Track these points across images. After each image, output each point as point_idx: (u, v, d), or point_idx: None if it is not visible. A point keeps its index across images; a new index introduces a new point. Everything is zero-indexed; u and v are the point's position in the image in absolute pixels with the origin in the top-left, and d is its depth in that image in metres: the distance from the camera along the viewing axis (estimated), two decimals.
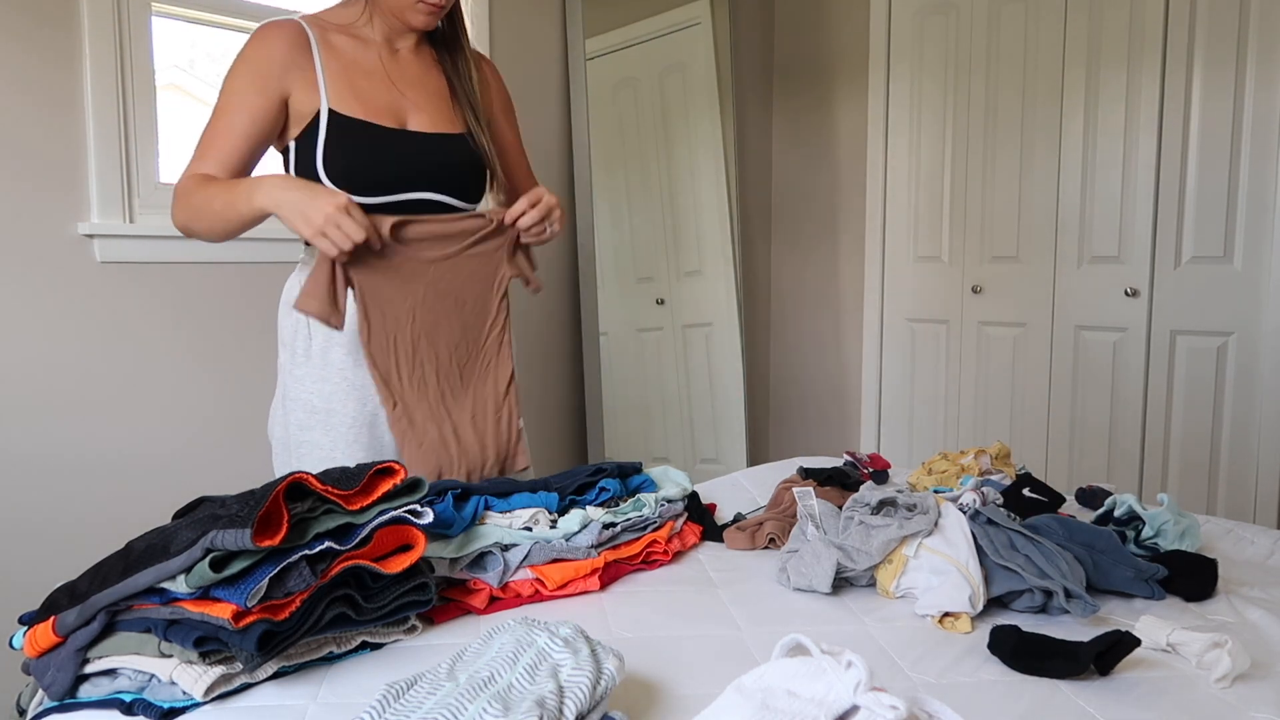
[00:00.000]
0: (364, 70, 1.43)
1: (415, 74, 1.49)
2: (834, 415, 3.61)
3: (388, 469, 0.99)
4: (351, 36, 1.45)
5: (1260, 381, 2.66)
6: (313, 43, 1.41)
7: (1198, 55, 2.69)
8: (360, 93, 1.41)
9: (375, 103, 1.42)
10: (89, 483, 1.93)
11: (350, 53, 1.44)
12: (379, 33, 1.47)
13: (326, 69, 1.40)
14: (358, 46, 1.45)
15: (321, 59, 1.41)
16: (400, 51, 1.49)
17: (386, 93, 1.44)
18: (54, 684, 0.87)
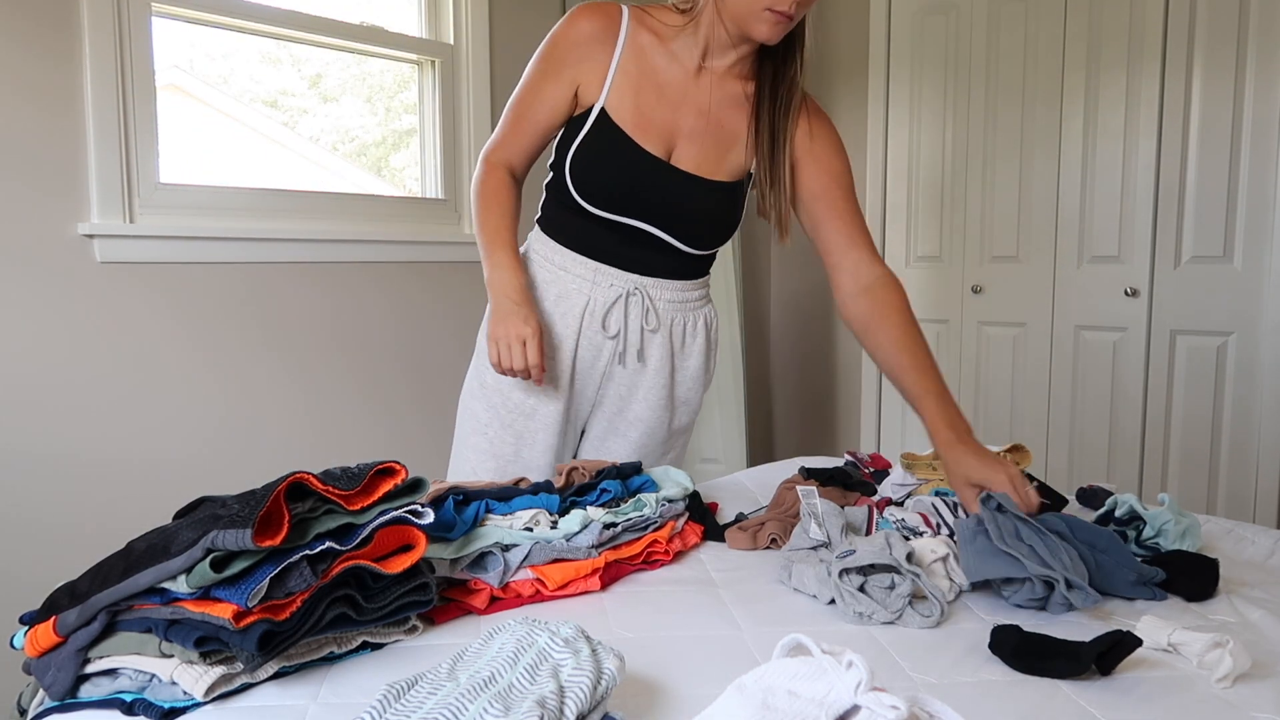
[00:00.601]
0: (656, 82, 1.38)
1: (709, 102, 1.40)
2: (834, 415, 3.61)
3: (388, 469, 0.99)
4: (663, 41, 1.39)
5: (1260, 381, 2.66)
6: (621, 34, 1.37)
7: (1197, 55, 2.69)
8: (640, 104, 1.37)
9: (650, 120, 1.38)
10: (89, 482, 1.93)
11: (652, 59, 1.38)
12: (697, 44, 1.38)
13: (620, 67, 1.37)
14: (663, 56, 1.39)
15: (621, 55, 1.37)
16: (706, 71, 1.40)
17: (666, 113, 1.39)
18: (55, 684, 0.87)
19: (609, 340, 1.47)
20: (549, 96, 1.39)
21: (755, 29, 1.30)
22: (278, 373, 2.23)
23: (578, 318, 1.46)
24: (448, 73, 2.62)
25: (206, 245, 2.08)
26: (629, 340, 1.48)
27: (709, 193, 1.42)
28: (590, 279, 1.45)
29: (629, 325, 1.46)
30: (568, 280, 1.46)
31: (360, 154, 2.68)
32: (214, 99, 2.34)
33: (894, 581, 1.09)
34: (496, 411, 1.49)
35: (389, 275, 2.43)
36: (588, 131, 1.37)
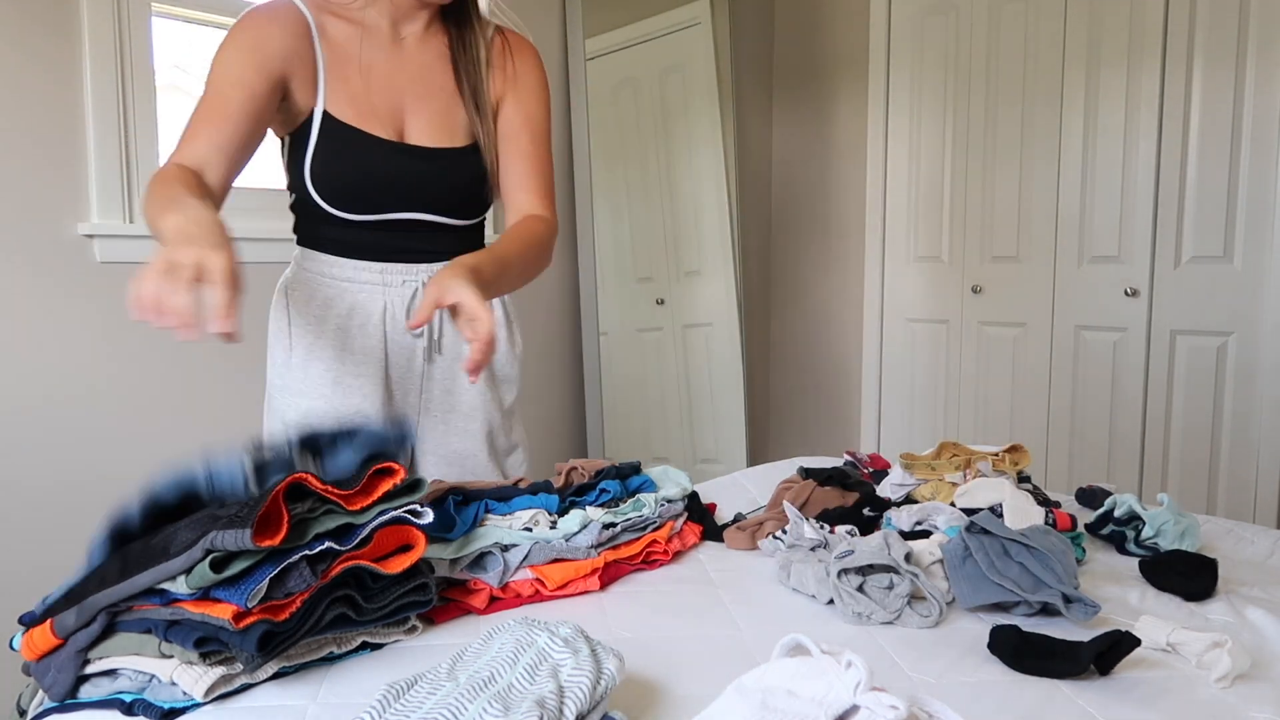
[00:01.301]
0: (365, 65, 1.31)
1: (418, 68, 1.35)
2: (834, 415, 3.61)
3: (388, 469, 0.99)
4: (351, 22, 1.32)
5: (1260, 381, 2.66)
6: (313, 31, 1.29)
7: (1198, 55, 2.69)
8: (357, 93, 1.30)
9: (373, 106, 1.31)
10: (89, 482, 1.93)
11: (350, 44, 1.31)
12: (384, 15, 1.33)
13: (326, 62, 1.29)
14: (358, 35, 1.32)
15: (322, 50, 1.29)
16: (405, 40, 1.35)
17: (386, 93, 1.32)
18: (55, 685, 0.88)
19: (417, 339, 1.37)
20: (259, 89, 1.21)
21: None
22: None
23: (379, 325, 1.35)
24: None
25: None
26: (441, 330, 1.39)
27: (453, 161, 1.35)
28: (380, 281, 1.35)
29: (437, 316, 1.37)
30: (356, 290, 1.34)
31: None
32: None
33: (892, 582, 1.09)
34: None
35: None
36: (317, 138, 1.28)
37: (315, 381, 1.34)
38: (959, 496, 1.41)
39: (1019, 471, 1.54)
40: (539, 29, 2.82)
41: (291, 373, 1.36)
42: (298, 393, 1.35)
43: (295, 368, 1.35)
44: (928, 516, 1.34)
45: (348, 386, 1.34)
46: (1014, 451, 1.57)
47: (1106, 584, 1.23)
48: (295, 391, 1.35)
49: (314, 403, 1.34)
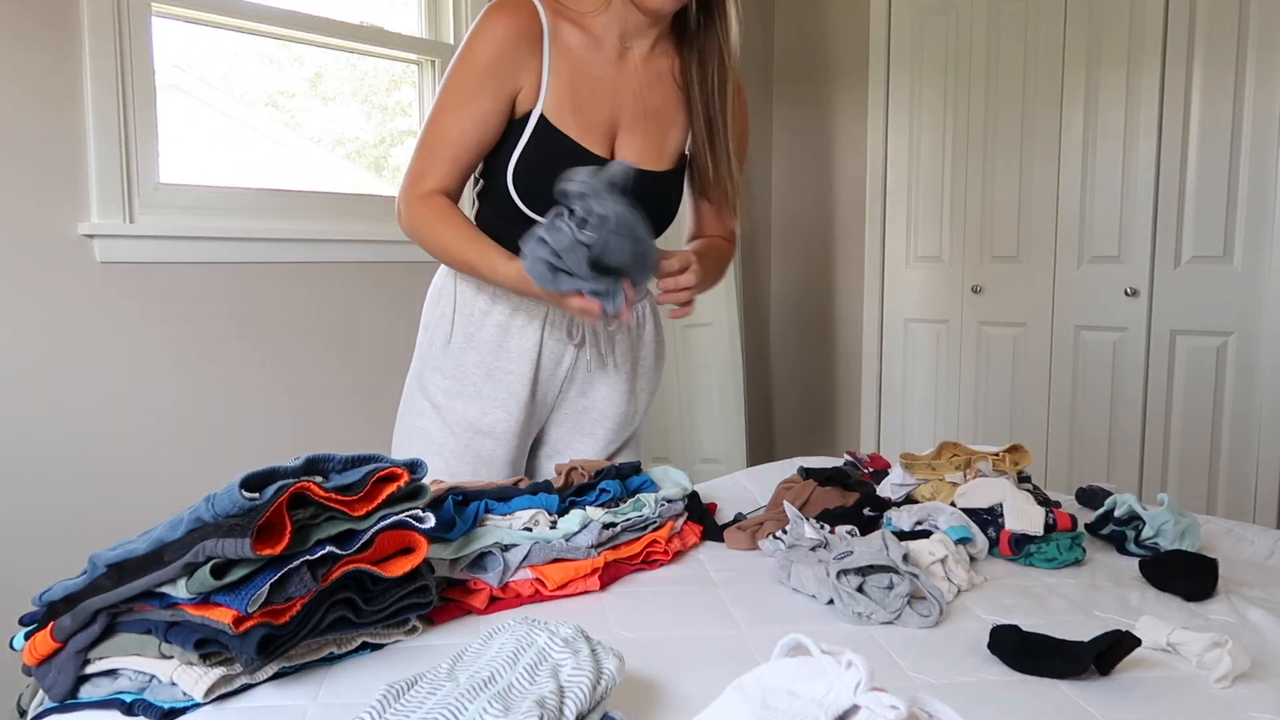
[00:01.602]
0: (589, 76, 1.33)
1: (640, 86, 1.36)
2: (834, 415, 3.61)
3: (391, 474, 0.99)
4: (583, 30, 1.33)
5: (1260, 381, 2.66)
6: (545, 35, 1.30)
7: (1197, 55, 2.69)
8: (578, 102, 1.32)
9: (590, 117, 1.33)
10: (88, 482, 1.93)
11: (579, 51, 1.32)
12: (614, 27, 1.34)
13: (553, 66, 1.30)
14: (588, 44, 1.33)
15: (550, 56, 1.30)
16: (630, 53, 1.36)
17: (603, 106, 1.34)
18: (55, 685, 0.88)
19: (573, 347, 1.44)
20: (488, 114, 1.30)
21: (649, 2, 1.28)
22: (278, 373, 2.23)
23: (539, 329, 1.41)
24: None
25: (206, 245, 2.08)
26: (597, 344, 1.46)
27: (655, 185, 1.38)
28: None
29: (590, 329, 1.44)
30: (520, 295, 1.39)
31: (359, 154, 2.68)
32: (214, 99, 2.34)
33: (892, 581, 1.09)
34: (453, 431, 1.42)
35: (389, 275, 2.43)
36: (529, 139, 1.31)
37: (470, 370, 1.41)
38: (959, 496, 1.41)
39: (1019, 471, 1.54)
40: None
41: (449, 357, 1.42)
42: (451, 377, 1.42)
43: (453, 353, 1.42)
44: (928, 516, 1.34)
45: (497, 381, 1.41)
46: (1014, 451, 1.57)
47: (1106, 584, 1.23)
48: (449, 375, 1.42)
49: (463, 388, 1.42)
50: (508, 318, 1.41)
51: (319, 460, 0.96)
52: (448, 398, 1.42)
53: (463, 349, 1.42)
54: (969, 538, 1.30)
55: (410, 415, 1.46)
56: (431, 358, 1.44)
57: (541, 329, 1.42)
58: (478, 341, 1.41)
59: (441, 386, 1.42)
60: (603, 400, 1.50)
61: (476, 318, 1.41)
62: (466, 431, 1.42)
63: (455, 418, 1.42)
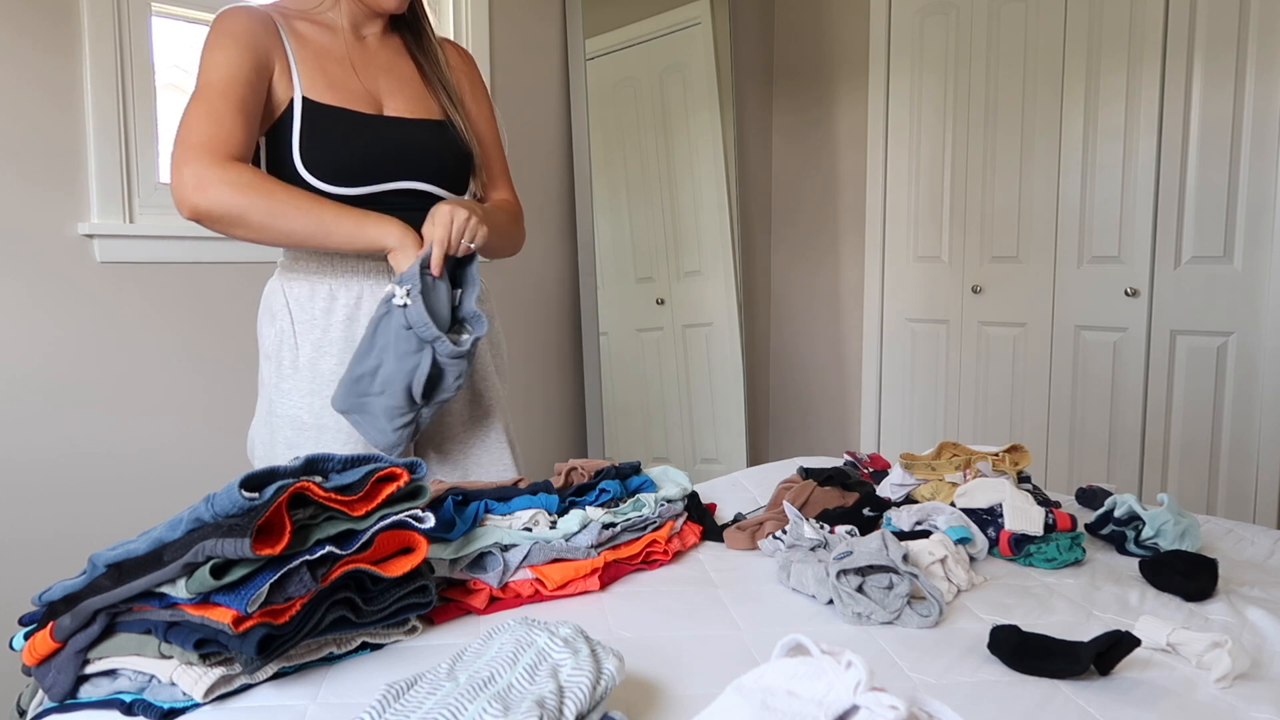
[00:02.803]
0: (334, 57, 1.37)
1: (385, 60, 1.43)
2: (834, 415, 3.61)
3: (390, 474, 0.99)
4: (316, 23, 1.39)
5: (1260, 381, 2.66)
6: (280, 30, 1.34)
7: (1198, 54, 2.69)
8: (333, 80, 1.35)
9: (350, 89, 1.36)
10: (88, 482, 1.93)
11: (318, 39, 1.37)
12: (345, 18, 1.41)
13: (297, 56, 1.33)
14: (324, 33, 1.38)
15: (291, 46, 1.34)
16: (367, 39, 1.43)
17: (360, 79, 1.38)
18: (55, 685, 0.88)
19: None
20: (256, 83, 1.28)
21: (383, 2, 1.38)
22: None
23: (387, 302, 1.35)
24: None
25: (207, 245, 2.08)
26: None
27: (440, 130, 1.42)
28: (384, 267, 1.38)
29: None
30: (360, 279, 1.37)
31: None
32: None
33: (892, 582, 1.09)
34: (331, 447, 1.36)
35: None
36: (301, 122, 1.30)
37: (327, 377, 1.35)
38: (959, 496, 1.41)
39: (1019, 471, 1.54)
40: (539, 29, 2.82)
41: (299, 374, 1.35)
42: (309, 392, 1.35)
43: (303, 368, 1.35)
44: (928, 516, 1.34)
45: None
46: (1014, 451, 1.57)
47: (1106, 584, 1.23)
48: (306, 391, 1.35)
49: (327, 400, 1.35)
50: (353, 309, 1.36)
51: (318, 460, 0.96)
52: (315, 415, 1.35)
53: (314, 360, 1.36)
54: (969, 538, 1.30)
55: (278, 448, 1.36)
56: (282, 380, 1.36)
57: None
58: (327, 345, 1.35)
59: (306, 405, 1.35)
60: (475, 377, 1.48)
61: (319, 320, 1.36)
62: (348, 443, 1.36)
63: (329, 435, 1.35)
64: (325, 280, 1.36)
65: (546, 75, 2.85)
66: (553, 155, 2.88)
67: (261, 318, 1.41)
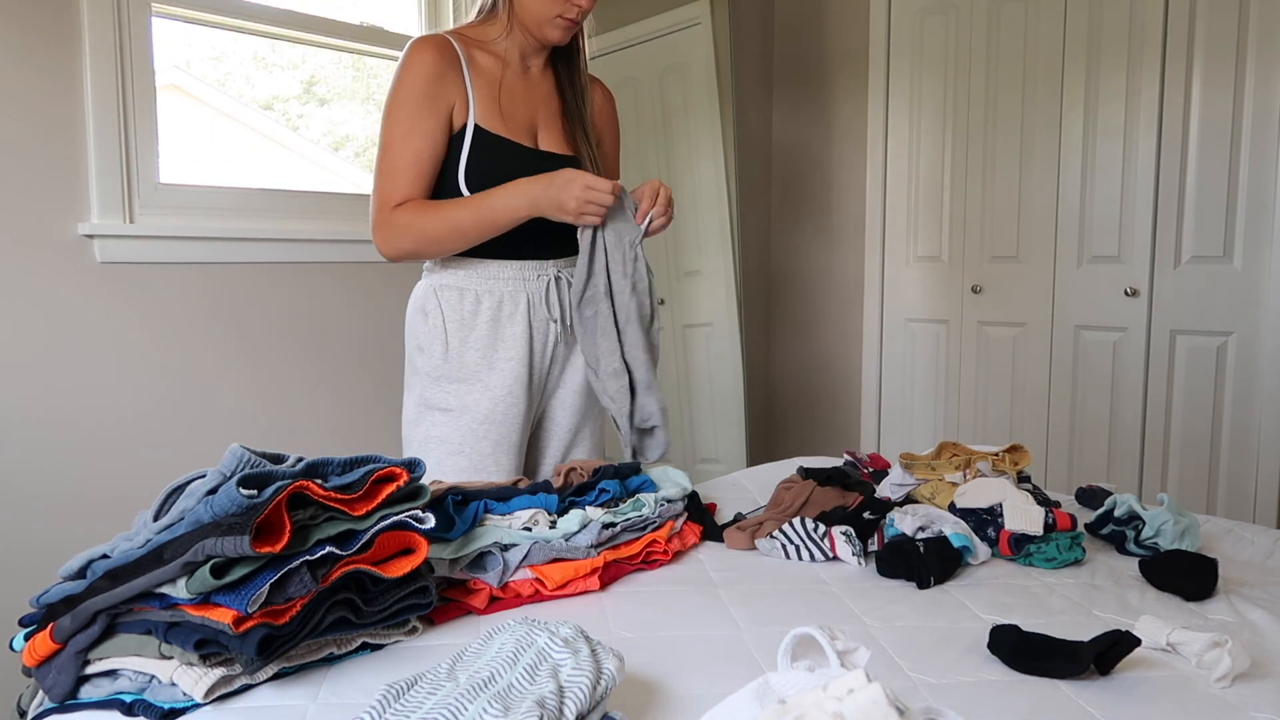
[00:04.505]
0: (505, 87, 1.55)
1: (544, 93, 1.61)
2: (834, 415, 3.61)
3: (390, 474, 0.99)
4: (492, 54, 1.56)
5: (1260, 381, 2.66)
6: (461, 59, 1.51)
7: (1197, 54, 2.69)
8: (502, 110, 1.54)
9: (515, 120, 1.55)
10: (87, 482, 1.93)
11: (492, 70, 1.55)
12: (515, 50, 1.57)
13: (475, 85, 1.51)
14: (497, 64, 1.56)
15: (470, 75, 1.51)
16: (532, 70, 1.60)
17: (524, 110, 1.57)
18: (55, 686, 0.88)
19: (553, 323, 1.59)
20: (433, 132, 1.48)
21: (550, 33, 1.53)
22: (278, 372, 2.23)
23: (525, 314, 1.56)
24: None
25: (206, 245, 2.08)
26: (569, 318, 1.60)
27: (577, 164, 1.60)
28: (522, 276, 1.57)
29: (564, 304, 1.60)
30: (502, 285, 1.56)
31: (361, 154, 2.68)
32: (213, 99, 2.34)
33: None
34: (470, 428, 1.54)
35: (391, 274, 2.43)
36: (470, 148, 1.50)
37: (471, 368, 1.54)
38: (959, 497, 1.41)
39: (1019, 471, 1.54)
40: None
41: (450, 363, 1.55)
42: (458, 380, 1.54)
43: (452, 359, 1.55)
44: (931, 523, 1.33)
45: (500, 370, 1.55)
46: (1014, 451, 1.57)
47: (1106, 584, 1.23)
48: (455, 379, 1.54)
49: (470, 386, 1.54)
50: (496, 310, 1.55)
51: (319, 465, 0.96)
52: (459, 399, 1.54)
53: (461, 351, 1.55)
54: (970, 547, 1.30)
55: (422, 428, 1.56)
56: (433, 369, 1.55)
57: (528, 312, 1.56)
58: (474, 340, 1.54)
59: (451, 391, 1.54)
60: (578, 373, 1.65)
61: (467, 319, 1.55)
62: (481, 424, 1.54)
63: (469, 416, 1.53)
64: (472, 287, 1.55)
65: None
66: None
67: (413, 315, 1.60)
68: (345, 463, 0.99)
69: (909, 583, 1.23)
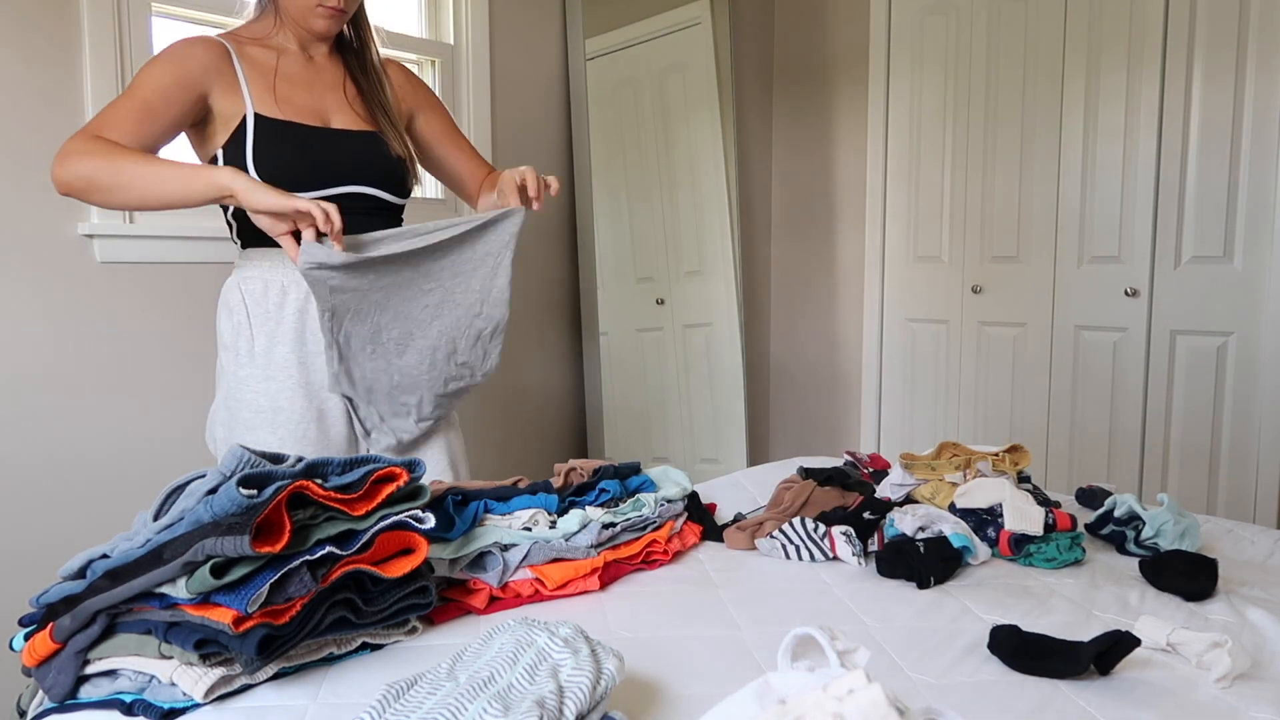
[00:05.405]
0: (284, 75, 1.49)
1: (331, 79, 1.55)
2: (834, 415, 3.61)
3: (390, 474, 0.99)
4: (267, 47, 1.51)
5: (1260, 381, 2.66)
6: (232, 54, 1.46)
7: (1198, 55, 2.69)
8: (283, 96, 1.47)
9: (298, 105, 1.48)
10: (88, 483, 1.93)
11: (269, 61, 1.49)
12: (293, 42, 1.52)
13: (248, 76, 1.45)
14: (274, 55, 1.50)
15: (242, 68, 1.46)
16: (315, 59, 1.55)
17: (307, 95, 1.50)
18: (55, 686, 0.88)
19: None
20: (174, 96, 1.38)
21: (314, 24, 1.48)
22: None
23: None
24: (447, 72, 2.62)
25: (206, 245, 2.08)
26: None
27: (378, 141, 1.53)
28: None
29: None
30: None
31: None
32: None
33: None
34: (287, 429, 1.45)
35: None
36: (255, 136, 1.42)
37: (280, 365, 1.45)
38: (959, 496, 1.41)
39: (1019, 471, 1.54)
40: (539, 29, 2.82)
41: (255, 362, 1.46)
42: (264, 378, 1.45)
43: (259, 356, 1.46)
44: (931, 523, 1.33)
45: (310, 365, 1.46)
46: (1014, 451, 1.57)
47: (1106, 584, 1.23)
48: (261, 378, 1.45)
49: (281, 385, 1.45)
50: (303, 302, 1.46)
51: (318, 465, 0.96)
52: (271, 399, 1.45)
53: (268, 349, 1.46)
54: (970, 547, 1.30)
55: (238, 432, 1.46)
56: (239, 368, 1.46)
57: None
58: (280, 336, 1.46)
59: (263, 390, 1.45)
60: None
61: (272, 313, 1.46)
62: (299, 424, 1.45)
63: (284, 416, 1.45)
64: (278, 277, 1.46)
65: (546, 75, 2.85)
66: (553, 155, 2.88)
67: (220, 313, 1.50)
68: (345, 463, 0.99)
69: (909, 583, 1.23)
